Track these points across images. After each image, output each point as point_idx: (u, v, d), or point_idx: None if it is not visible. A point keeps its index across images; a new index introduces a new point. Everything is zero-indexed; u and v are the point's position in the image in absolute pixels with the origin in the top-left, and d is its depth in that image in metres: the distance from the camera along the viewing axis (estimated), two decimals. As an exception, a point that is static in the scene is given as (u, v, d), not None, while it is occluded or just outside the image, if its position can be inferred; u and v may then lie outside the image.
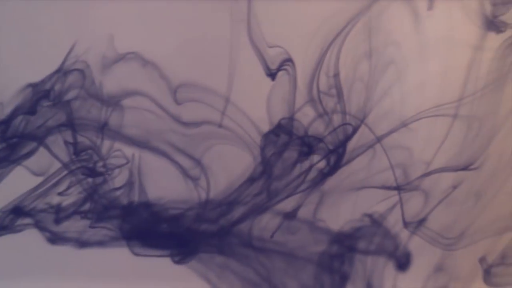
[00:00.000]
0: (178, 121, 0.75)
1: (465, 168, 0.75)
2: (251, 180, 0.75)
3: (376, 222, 0.76)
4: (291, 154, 0.75)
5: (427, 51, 0.75)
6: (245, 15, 0.74)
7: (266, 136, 0.75)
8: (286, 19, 0.74)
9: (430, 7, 0.74)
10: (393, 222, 0.76)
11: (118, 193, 0.75)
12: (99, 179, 0.75)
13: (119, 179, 0.75)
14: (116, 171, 0.75)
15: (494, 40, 0.74)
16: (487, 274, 0.78)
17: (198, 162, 0.76)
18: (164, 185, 0.76)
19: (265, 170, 0.75)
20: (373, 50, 0.74)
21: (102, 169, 0.75)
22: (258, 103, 0.75)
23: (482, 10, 0.74)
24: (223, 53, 0.74)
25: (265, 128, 0.75)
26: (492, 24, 0.74)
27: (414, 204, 0.76)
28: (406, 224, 0.76)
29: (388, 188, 0.75)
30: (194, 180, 0.76)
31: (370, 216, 0.76)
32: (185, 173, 0.76)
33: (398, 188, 0.75)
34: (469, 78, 0.74)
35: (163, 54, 0.74)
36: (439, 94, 0.75)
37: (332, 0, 0.74)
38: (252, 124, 0.75)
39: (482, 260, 0.78)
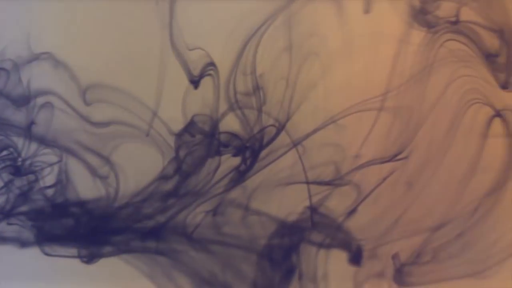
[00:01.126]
0: (88, 120, 0.75)
1: (392, 158, 0.76)
2: (163, 178, 0.76)
3: (317, 214, 0.76)
4: (205, 152, 0.76)
5: (353, 46, 0.75)
6: (166, 17, 0.74)
7: (179, 135, 0.76)
8: (206, 19, 0.75)
9: (367, 10, 0.75)
10: (336, 214, 0.76)
11: (49, 191, 0.76)
12: (31, 178, 0.75)
13: (49, 177, 0.76)
14: (47, 170, 0.75)
15: (419, 33, 0.75)
16: (398, 272, 0.77)
17: (107, 161, 0.76)
18: (84, 183, 0.76)
19: (178, 168, 0.75)
20: (293, 43, 0.75)
21: (28, 168, 0.75)
22: (176, 107, 0.75)
23: (410, 5, 0.75)
24: (141, 54, 0.75)
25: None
26: (421, 20, 0.75)
27: (346, 199, 0.76)
28: (314, 224, 0.76)
29: (319, 183, 0.76)
30: (103, 178, 0.76)
31: (311, 208, 0.76)
32: (94, 171, 0.76)
33: (307, 182, 0.76)
34: (394, 72, 0.75)
35: (76, 55, 0.75)
36: (365, 88, 0.75)
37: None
38: (165, 126, 0.76)
39: (395, 257, 0.77)
